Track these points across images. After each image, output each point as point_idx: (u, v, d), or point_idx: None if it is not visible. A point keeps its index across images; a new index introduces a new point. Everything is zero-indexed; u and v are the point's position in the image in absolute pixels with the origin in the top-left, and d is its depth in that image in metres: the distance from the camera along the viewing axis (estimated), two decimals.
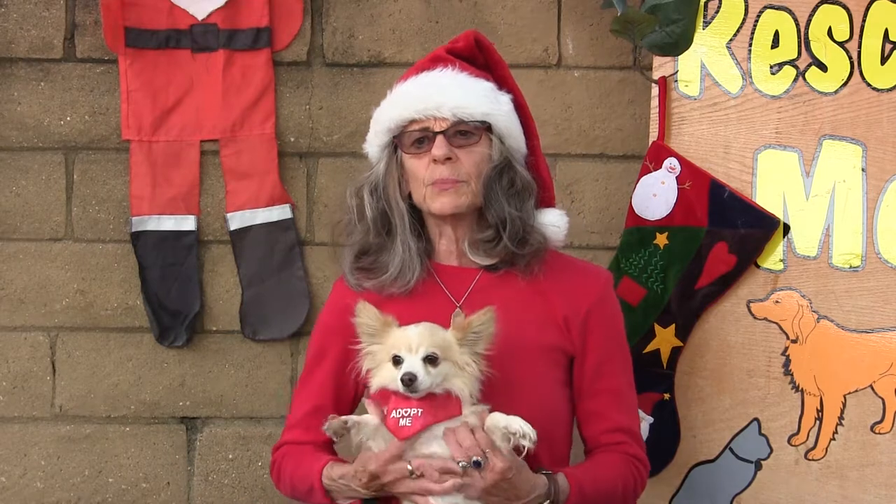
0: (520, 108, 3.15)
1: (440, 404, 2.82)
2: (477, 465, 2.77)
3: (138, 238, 3.88)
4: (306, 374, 3.17)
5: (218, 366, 3.94)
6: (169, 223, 3.89)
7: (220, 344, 3.94)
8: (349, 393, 3.11)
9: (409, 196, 3.08)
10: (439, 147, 3.00)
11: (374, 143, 3.12)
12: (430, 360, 2.80)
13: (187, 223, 3.90)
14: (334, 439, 2.88)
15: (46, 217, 3.91)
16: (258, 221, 3.89)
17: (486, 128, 3.04)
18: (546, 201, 3.16)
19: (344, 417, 2.85)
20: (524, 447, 2.80)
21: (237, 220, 3.91)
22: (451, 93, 3.03)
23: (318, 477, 2.98)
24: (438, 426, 2.82)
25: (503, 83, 3.15)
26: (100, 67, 3.90)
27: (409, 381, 2.77)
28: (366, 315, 2.88)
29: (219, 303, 3.93)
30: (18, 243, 3.91)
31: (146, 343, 3.92)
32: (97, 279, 3.92)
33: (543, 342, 3.04)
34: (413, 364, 2.79)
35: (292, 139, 3.94)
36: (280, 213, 3.91)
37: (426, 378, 2.78)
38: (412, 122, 3.04)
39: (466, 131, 3.03)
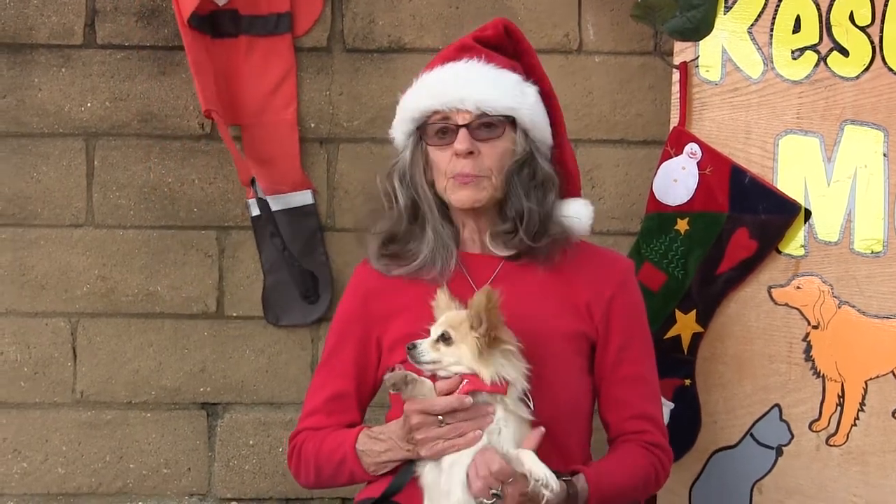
0: (546, 97, 3.12)
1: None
2: (496, 496, 2.77)
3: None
4: (326, 359, 3.15)
5: (238, 351, 3.95)
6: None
7: (240, 330, 3.94)
8: (370, 378, 3.11)
9: (433, 184, 3.06)
10: (461, 141, 2.98)
11: (400, 130, 3.09)
12: (444, 338, 2.85)
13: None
14: (390, 391, 2.91)
15: (67, 203, 3.92)
16: (280, 207, 3.89)
17: (509, 121, 3.02)
18: (572, 192, 3.14)
19: (405, 371, 2.88)
20: (543, 496, 2.78)
21: (258, 206, 3.90)
22: (476, 86, 3.00)
23: (353, 444, 2.97)
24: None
25: (532, 72, 3.12)
26: (120, 53, 3.90)
27: (411, 347, 2.86)
28: (442, 300, 2.91)
29: (240, 288, 3.93)
30: (39, 229, 3.92)
31: (167, 329, 3.93)
32: (118, 265, 3.92)
33: (566, 329, 3.03)
34: (425, 339, 2.87)
35: (313, 125, 3.94)
36: (301, 198, 3.90)
37: (426, 351, 2.85)
38: (435, 112, 3.02)
39: (490, 124, 3.00)
